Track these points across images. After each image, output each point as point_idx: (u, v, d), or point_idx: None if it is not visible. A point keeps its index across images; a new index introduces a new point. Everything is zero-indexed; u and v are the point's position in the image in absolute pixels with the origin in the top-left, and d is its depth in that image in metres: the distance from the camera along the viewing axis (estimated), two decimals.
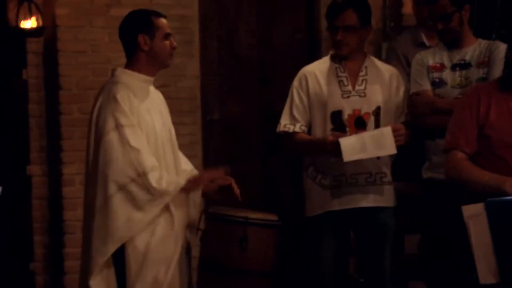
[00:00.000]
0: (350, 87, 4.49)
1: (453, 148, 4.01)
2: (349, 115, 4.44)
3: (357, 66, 4.53)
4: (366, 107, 4.46)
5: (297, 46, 6.48)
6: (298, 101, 4.52)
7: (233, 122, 6.35)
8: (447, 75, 4.61)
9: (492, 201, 3.56)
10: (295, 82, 4.56)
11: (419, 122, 4.61)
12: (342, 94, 4.47)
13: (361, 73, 4.52)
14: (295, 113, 4.52)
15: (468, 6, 4.59)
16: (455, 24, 4.57)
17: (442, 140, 4.27)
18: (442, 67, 4.63)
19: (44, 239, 5.83)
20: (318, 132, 4.49)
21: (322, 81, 4.50)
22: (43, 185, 5.82)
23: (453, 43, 4.62)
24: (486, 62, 4.55)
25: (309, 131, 4.54)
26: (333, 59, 4.55)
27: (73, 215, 5.71)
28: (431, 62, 4.65)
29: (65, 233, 5.73)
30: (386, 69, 4.63)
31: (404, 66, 5.52)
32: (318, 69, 4.55)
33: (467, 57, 4.60)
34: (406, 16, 6.20)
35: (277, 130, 4.58)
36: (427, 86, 4.61)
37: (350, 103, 4.45)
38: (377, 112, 4.48)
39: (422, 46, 5.61)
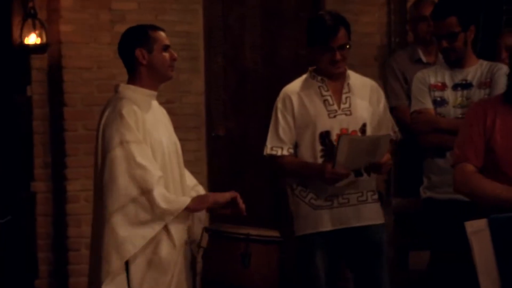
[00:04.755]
0: (335, 106, 4.47)
1: (462, 162, 3.98)
2: (337, 135, 4.41)
3: (339, 83, 4.51)
4: (353, 125, 4.45)
5: (301, 62, 6.46)
6: (283, 122, 4.49)
7: (237, 138, 6.34)
8: (448, 94, 4.61)
9: (495, 217, 3.53)
10: (279, 104, 4.52)
11: (420, 140, 4.60)
12: (328, 114, 4.45)
13: (344, 91, 4.50)
14: (282, 135, 4.48)
15: (473, 27, 4.61)
16: (460, 44, 4.58)
17: (441, 160, 4.27)
18: (443, 86, 4.63)
19: (48, 256, 5.83)
20: (306, 153, 4.46)
21: (307, 101, 4.48)
22: (48, 201, 5.82)
23: (455, 62, 4.62)
24: (488, 83, 4.56)
25: (295, 152, 4.51)
26: (314, 77, 4.53)
27: (77, 232, 5.71)
28: (432, 80, 4.65)
29: (70, 250, 5.73)
30: (365, 83, 4.60)
31: (402, 83, 5.53)
32: (300, 89, 4.51)
33: (469, 77, 4.60)
34: (410, 31, 6.20)
35: (264, 153, 4.55)
36: (429, 105, 4.61)
37: (337, 123, 4.43)
38: (363, 129, 4.47)
39: (419, 62, 5.63)
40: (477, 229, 3.48)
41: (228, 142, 6.30)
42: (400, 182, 4.73)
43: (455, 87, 4.61)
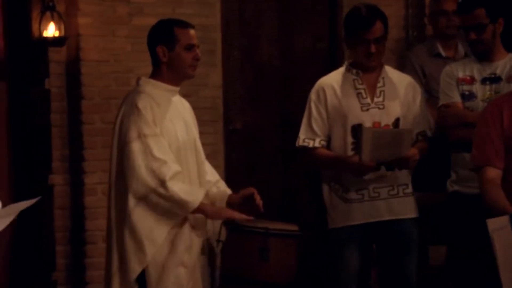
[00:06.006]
0: (369, 100, 4.47)
1: (485, 165, 3.95)
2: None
3: (374, 77, 4.51)
4: (386, 119, 4.44)
5: (318, 56, 6.47)
6: (316, 114, 4.50)
7: (254, 131, 6.34)
8: (477, 88, 4.57)
9: None
10: (313, 95, 4.53)
11: (448, 134, 4.58)
12: (361, 107, 4.45)
13: (378, 85, 4.50)
14: (314, 126, 4.49)
15: (502, 19, 4.55)
16: (488, 36, 4.53)
17: (469, 154, 4.22)
18: (472, 80, 4.59)
19: (66, 249, 5.82)
20: (338, 146, 4.48)
21: (340, 94, 4.48)
22: (65, 194, 5.82)
23: (483, 55, 4.58)
24: None
25: (328, 144, 4.52)
26: (350, 70, 4.53)
27: (95, 225, 5.71)
28: (461, 74, 4.61)
29: (87, 243, 5.73)
30: (402, 78, 4.60)
31: (420, 76, 5.52)
32: (335, 81, 4.52)
33: (498, 71, 4.55)
34: (429, 25, 6.18)
35: (296, 144, 4.56)
36: (457, 98, 4.58)
37: (370, 116, 4.43)
38: (396, 123, 4.47)
39: (438, 56, 5.61)
40: (499, 226, 3.48)
41: (245, 136, 6.30)
42: (419, 176, 4.69)
43: (483, 81, 4.57)
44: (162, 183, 3.81)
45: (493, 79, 4.55)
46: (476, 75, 4.59)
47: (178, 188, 3.82)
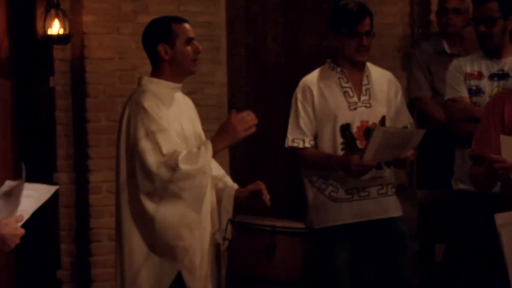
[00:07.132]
0: (356, 98, 4.45)
1: (478, 159, 3.95)
2: (357, 127, 4.39)
3: (359, 75, 4.48)
4: (373, 118, 4.43)
5: (324, 54, 6.42)
6: (304, 114, 4.45)
7: (260, 129, 6.31)
8: (484, 84, 4.57)
9: None
10: (299, 95, 4.49)
11: (454, 128, 4.57)
12: (349, 106, 4.42)
13: (364, 83, 4.48)
14: (303, 126, 4.45)
15: None
16: (497, 31, 4.53)
17: None
18: (480, 76, 4.59)
19: (71, 247, 5.83)
20: (326, 146, 4.44)
21: (327, 93, 4.45)
22: (70, 193, 5.82)
23: (492, 51, 4.57)
24: None
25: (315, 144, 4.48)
26: (334, 68, 4.49)
27: (99, 223, 5.72)
28: (468, 69, 4.60)
29: (92, 241, 5.73)
30: (383, 75, 4.58)
31: (425, 74, 5.52)
32: (320, 80, 4.49)
33: (506, 68, 4.56)
34: (434, 22, 6.17)
35: (286, 145, 4.52)
36: (464, 93, 4.58)
37: (358, 115, 4.41)
38: (382, 122, 4.45)
39: (443, 54, 5.62)
40: (506, 222, 3.46)
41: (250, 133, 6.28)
42: (422, 173, 4.69)
43: (491, 77, 4.57)
44: (174, 169, 3.78)
45: (501, 76, 4.55)
46: (484, 71, 4.59)
47: (187, 165, 3.79)
